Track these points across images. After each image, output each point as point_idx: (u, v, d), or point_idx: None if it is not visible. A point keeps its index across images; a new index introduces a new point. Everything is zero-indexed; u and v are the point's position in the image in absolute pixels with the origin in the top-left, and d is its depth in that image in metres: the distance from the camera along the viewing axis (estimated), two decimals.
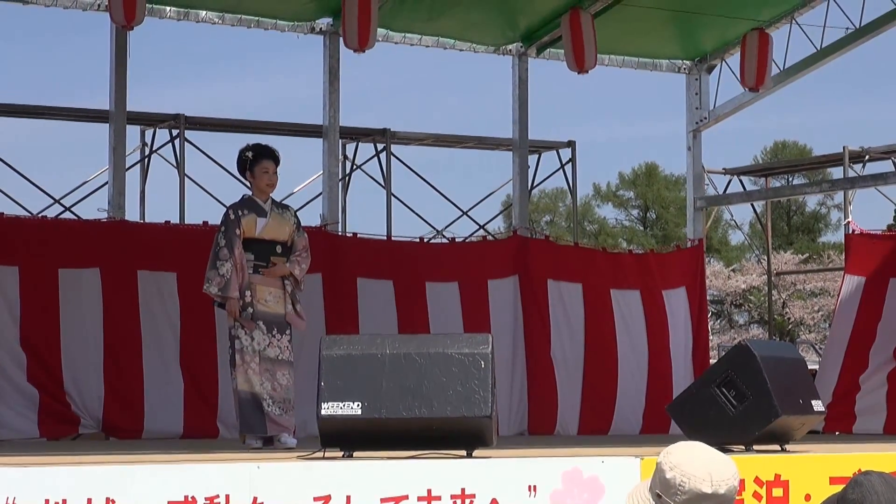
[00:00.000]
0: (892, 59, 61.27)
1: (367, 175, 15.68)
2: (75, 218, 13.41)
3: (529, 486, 6.36)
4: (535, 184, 16.29)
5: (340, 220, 14.61)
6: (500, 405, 12.58)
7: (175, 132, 14.41)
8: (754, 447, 7.75)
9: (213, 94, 60.34)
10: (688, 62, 16.22)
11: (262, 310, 9.36)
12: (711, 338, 26.20)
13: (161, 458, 6.93)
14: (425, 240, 15.03)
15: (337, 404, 6.67)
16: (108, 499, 5.68)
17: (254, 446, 9.20)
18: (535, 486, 6.37)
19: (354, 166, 15.69)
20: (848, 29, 15.01)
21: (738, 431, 7.71)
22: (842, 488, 3.85)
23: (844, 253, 16.28)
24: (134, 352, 12.67)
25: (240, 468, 5.99)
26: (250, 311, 9.30)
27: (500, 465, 6.47)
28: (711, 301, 36.73)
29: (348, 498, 6.06)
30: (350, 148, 15.67)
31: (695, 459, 3.82)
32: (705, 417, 7.74)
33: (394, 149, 15.62)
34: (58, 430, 12.16)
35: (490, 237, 16.48)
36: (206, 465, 6.16)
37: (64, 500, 5.62)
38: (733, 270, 40.28)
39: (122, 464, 6.10)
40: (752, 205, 19.51)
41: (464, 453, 6.72)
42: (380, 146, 15.58)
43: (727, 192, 17.57)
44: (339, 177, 14.83)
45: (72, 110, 15.07)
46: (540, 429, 14.32)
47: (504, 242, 15.50)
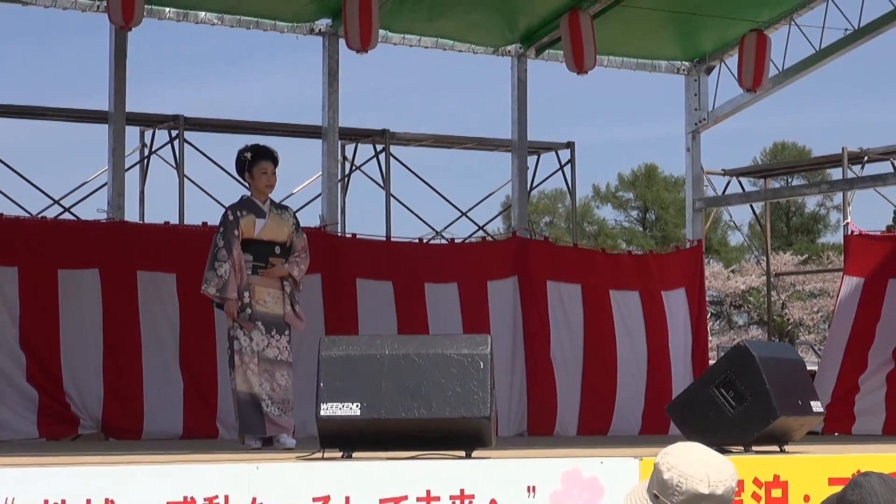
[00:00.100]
0: (891, 59, 61.27)
1: (367, 176, 15.68)
2: (75, 219, 13.41)
3: (529, 486, 6.36)
4: (534, 185, 16.29)
5: (340, 221, 14.62)
6: (500, 406, 12.57)
7: (174, 133, 14.41)
8: (753, 448, 7.74)
9: (213, 94, 60.33)
10: (687, 63, 16.23)
11: (260, 310, 9.36)
12: (711, 339, 26.17)
13: (160, 459, 6.93)
14: (425, 241, 15.03)
15: (336, 405, 6.67)
16: (107, 499, 5.68)
17: (253, 447, 9.20)
18: (534, 487, 6.37)
19: (354, 167, 15.68)
20: (847, 30, 15.02)
21: (737, 432, 7.70)
22: (841, 489, 3.85)
23: (843, 254, 16.28)
24: (133, 352, 12.67)
25: (239, 469, 5.99)
26: (249, 312, 9.30)
27: (500, 466, 6.47)
28: (711, 302, 36.72)
29: (347, 499, 6.06)
30: (349, 149, 15.66)
31: (692, 460, 3.82)
32: (704, 418, 7.74)
33: (393, 150, 15.62)
34: (57, 430, 12.16)
35: (489, 238, 16.47)
36: (206, 465, 6.16)
37: (63, 501, 5.62)
38: (732, 271, 40.28)
39: (121, 464, 6.10)
40: (752, 206, 19.50)
41: (463, 454, 6.72)
42: (379, 147, 15.58)
43: (726, 193, 17.56)
44: (339, 178, 14.84)
45: (71, 111, 15.06)
46: (539, 429, 14.32)
47: (503, 243, 15.50)
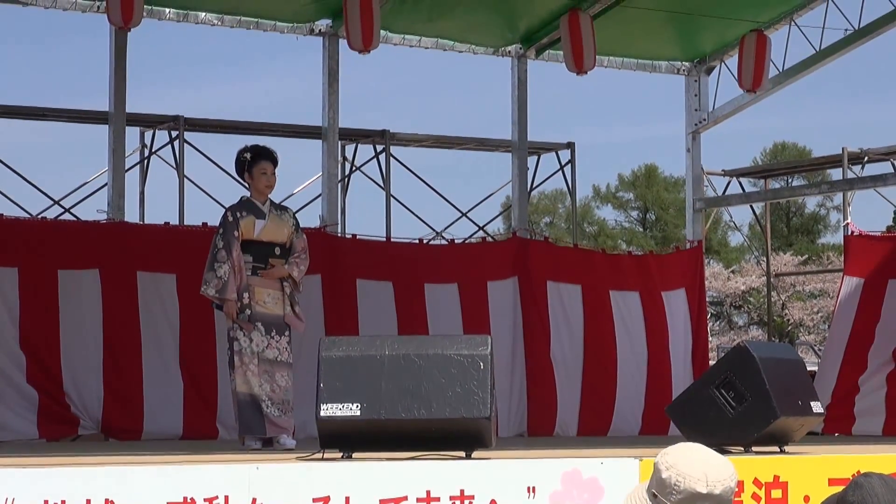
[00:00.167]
0: (891, 59, 61.30)
1: (367, 176, 15.67)
2: (75, 219, 13.41)
3: (529, 487, 6.36)
4: (534, 185, 16.29)
5: (340, 222, 14.62)
6: (500, 406, 12.56)
7: (174, 133, 14.41)
8: (753, 448, 7.74)
9: (213, 95, 60.38)
10: (687, 64, 16.22)
11: (260, 311, 9.36)
12: (711, 339, 26.19)
13: (160, 459, 6.93)
14: (425, 241, 15.02)
15: (336, 405, 6.67)
16: (107, 500, 5.68)
17: (253, 447, 9.20)
18: (534, 488, 6.37)
19: (354, 168, 15.68)
20: (847, 30, 15.01)
21: (737, 433, 7.70)
22: (841, 490, 3.85)
23: (843, 254, 16.27)
24: (133, 353, 12.67)
25: (239, 469, 5.99)
26: (248, 313, 9.30)
27: (500, 467, 6.47)
28: (711, 302, 36.74)
29: (347, 499, 6.06)
30: (349, 149, 15.65)
31: (691, 460, 3.81)
32: (704, 419, 7.74)
33: (393, 150, 15.61)
34: (57, 431, 12.16)
35: (489, 239, 16.46)
36: (206, 466, 6.16)
37: (63, 501, 5.62)
38: (733, 272, 40.30)
39: (121, 465, 6.09)
40: (752, 206, 19.49)
41: (463, 454, 6.72)
42: (379, 147, 15.58)
43: (726, 193, 17.56)
44: (339, 178, 14.84)
45: (71, 112, 15.05)
46: (539, 430, 14.32)
47: (503, 244, 15.49)
